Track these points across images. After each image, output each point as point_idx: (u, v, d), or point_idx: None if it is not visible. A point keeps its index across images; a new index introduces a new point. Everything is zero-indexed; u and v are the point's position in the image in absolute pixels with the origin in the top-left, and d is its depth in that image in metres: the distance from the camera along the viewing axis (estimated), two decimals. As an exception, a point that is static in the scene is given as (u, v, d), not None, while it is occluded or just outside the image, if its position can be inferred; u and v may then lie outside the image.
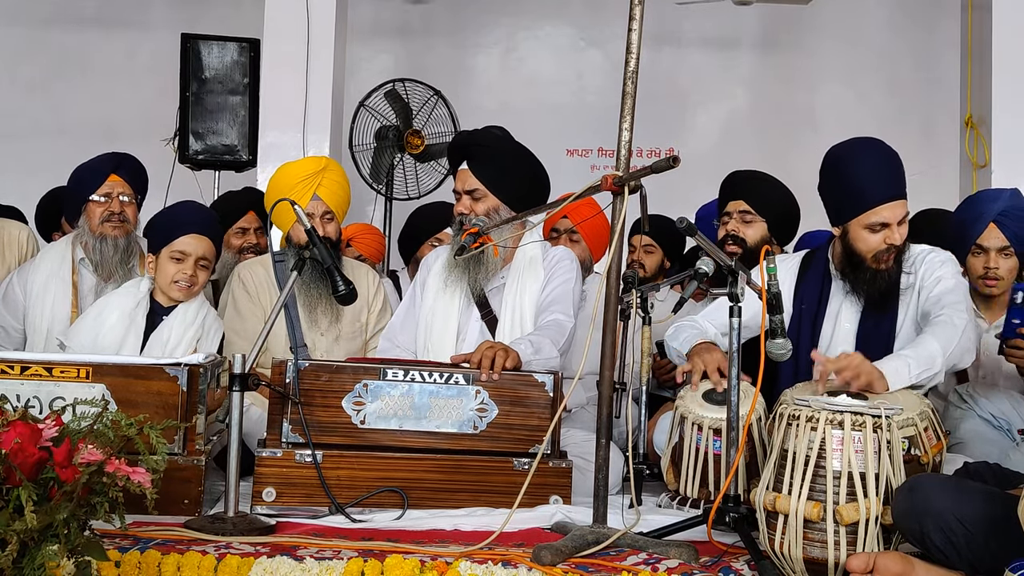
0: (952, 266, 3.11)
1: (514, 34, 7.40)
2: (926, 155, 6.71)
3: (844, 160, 3.10)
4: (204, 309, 3.49)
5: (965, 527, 2.08)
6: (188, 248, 3.41)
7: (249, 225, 4.42)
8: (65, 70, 7.22)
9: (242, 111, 5.66)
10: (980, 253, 3.58)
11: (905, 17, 7.18)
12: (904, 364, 2.73)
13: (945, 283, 3.03)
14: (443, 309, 3.37)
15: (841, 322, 3.14)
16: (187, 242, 3.41)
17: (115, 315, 3.38)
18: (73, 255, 3.71)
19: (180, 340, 3.38)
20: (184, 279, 3.39)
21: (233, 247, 4.37)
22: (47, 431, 1.95)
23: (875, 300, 3.08)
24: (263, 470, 2.76)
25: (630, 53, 2.55)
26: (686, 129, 7.26)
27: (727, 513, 2.53)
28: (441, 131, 6.11)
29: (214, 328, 3.49)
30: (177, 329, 3.39)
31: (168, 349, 3.34)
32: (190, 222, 3.47)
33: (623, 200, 2.54)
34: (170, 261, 3.40)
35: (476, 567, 2.24)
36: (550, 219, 4.04)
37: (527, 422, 2.85)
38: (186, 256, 3.40)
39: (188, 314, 3.43)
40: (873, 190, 3.03)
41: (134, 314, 3.39)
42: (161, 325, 3.40)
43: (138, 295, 3.43)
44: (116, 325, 3.36)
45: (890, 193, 3.04)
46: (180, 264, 3.40)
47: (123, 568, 2.21)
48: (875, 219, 3.02)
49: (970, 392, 3.47)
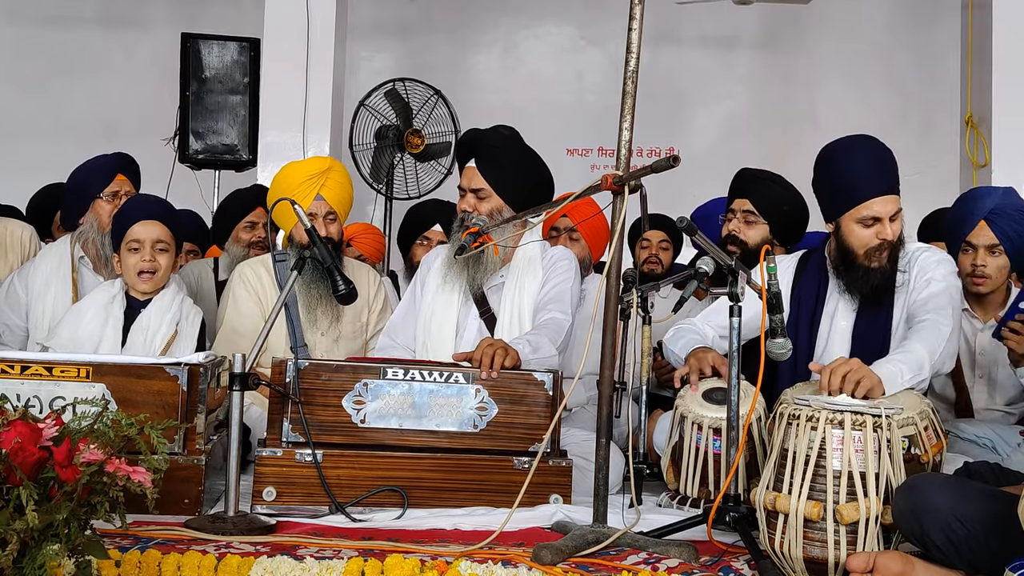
0: (946, 267, 3.09)
1: (514, 33, 7.41)
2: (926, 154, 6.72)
3: (837, 154, 3.10)
4: (180, 295, 3.53)
5: (965, 526, 2.08)
6: (140, 235, 3.43)
7: (258, 220, 4.45)
8: (65, 69, 7.22)
9: (242, 111, 5.66)
10: (969, 250, 3.56)
11: (905, 16, 7.18)
12: (897, 369, 2.72)
13: (935, 286, 3.02)
14: (442, 307, 3.37)
15: (837, 320, 3.13)
16: (138, 230, 3.44)
17: (91, 310, 3.42)
18: (72, 254, 3.72)
19: (160, 326, 3.43)
20: (146, 265, 3.41)
21: (242, 241, 4.40)
22: (47, 431, 1.95)
23: (869, 298, 3.08)
24: (263, 469, 2.76)
25: (630, 52, 2.54)
26: (686, 128, 7.26)
27: (727, 512, 2.54)
28: (441, 130, 6.11)
29: (193, 312, 3.53)
30: (155, 316, 3.44)
31: (149, 335, 3.39)
32: (139, 212, 3.50)
33: (623, 199, 2.54)
34: (129, 253, 3.44)
35: (476, 566, 2.24)
36: (550, 218, 4.04)
37: (527, 421, 2.85)
38: (141, 243, 3.43)
39: (164, 301, 3.47)
40: (864, 184, 3.03)
41: (110, 308, 3.43)
42: (139, 316, 3.44)
43: (113, 291, 3.47)
44: (93, 320, 3.40)
45: (882, 188, 3.03)
46: (138, 253, 3.43)
47: (123, 568, 2.21)
48: (866, 213, 3.01)
49: (951, 424, 3.48)
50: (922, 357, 2.78)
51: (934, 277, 3.03)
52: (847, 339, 3.10)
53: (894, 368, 2.71)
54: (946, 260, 3.13)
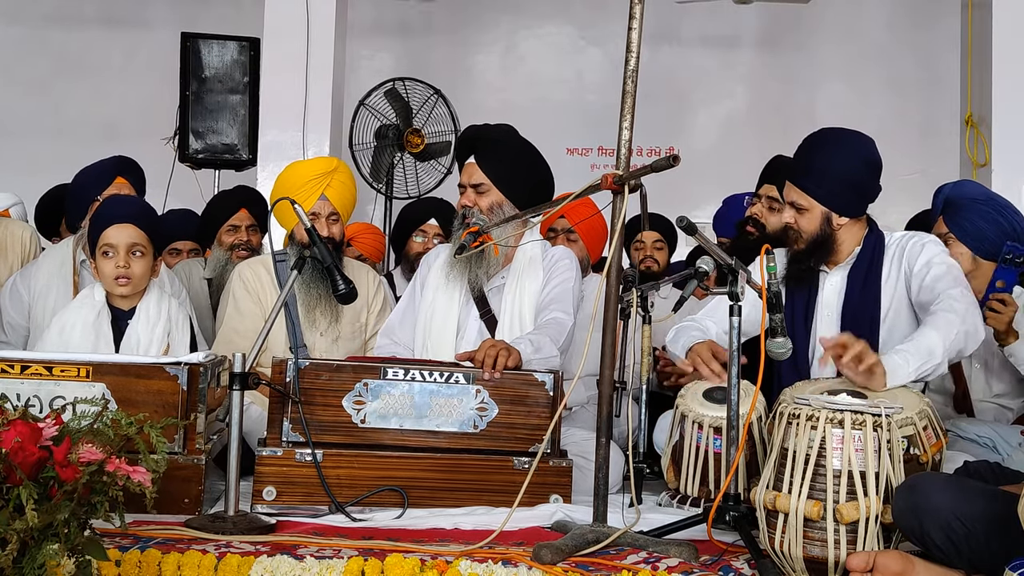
0: (934, 246, 3.06)
1: (514, 33, 7.41)
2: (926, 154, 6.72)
3: (817, 135, 3.13)
4: (165, 302, 3.39)
5: (965, 525, 2.08)
6: (113, 239, 3.28)
7: (241, 223, 4.44)
8: (65, 69, 7.22)
9: (242, 110, 5.67)
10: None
11: (905, 16, 7.18)
12: (903, 359, 2.69)
13: (936, 269, 2.98)
14: (443, 306, 3.37)
15: (824, 297, 3.13)
16: (110, 234, 3.29)
17: (79, 329, 3.27)
18: (75, 257, 3.70)
19: (151, 340, 3.31)
20: (121, 272, 3.25)
21: (225, 244, 4.40)
22: (47, 430, 1.95)
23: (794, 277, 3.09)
24: (263, 469, 2.76)
25: (630, 52, 2.54)
26: (686, 128, 7.26)
27: (727, 512, 2.53)
28: (441, 130, 6.12)
29: (181, 317, 3.41)
30: (145, 330, 3.31)
31: (141, 351, 3.26)
32: (112, 214, 3.35)
33: (623, 199, 2.54)
34: (103, 259, 3.28)
35: (476, 566, 2.24)
36: (547, 219, 4.04)
37: (527, 421, 2.85)
38: (114, 247, 3.27)
39: (151, 312, 3.34)
40: (793, 165, 3.08)
41: (98, 325, 3.28)
42: (128, 330, 3.31)
43: (96, 304, 3.32)
44: (82, 341, 3.24)
45: (800, 177, 3.04)
46: (112, 258, 3.27)
47: (123, 567, 2.21)
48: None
49: (952, 423, 3.47)
50: (932, 341, 2.73)
51: (932, 260, 3.00)
52: (836, 313, 3.10)
53: (898, 359, 2.69)
54: (932, 240, 3.10)
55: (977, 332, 2.84)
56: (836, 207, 3.04)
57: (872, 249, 3.09)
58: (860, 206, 3.10)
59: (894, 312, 3.06)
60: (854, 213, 3.08)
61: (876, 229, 3.14)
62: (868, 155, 3.08)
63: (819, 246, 3.08)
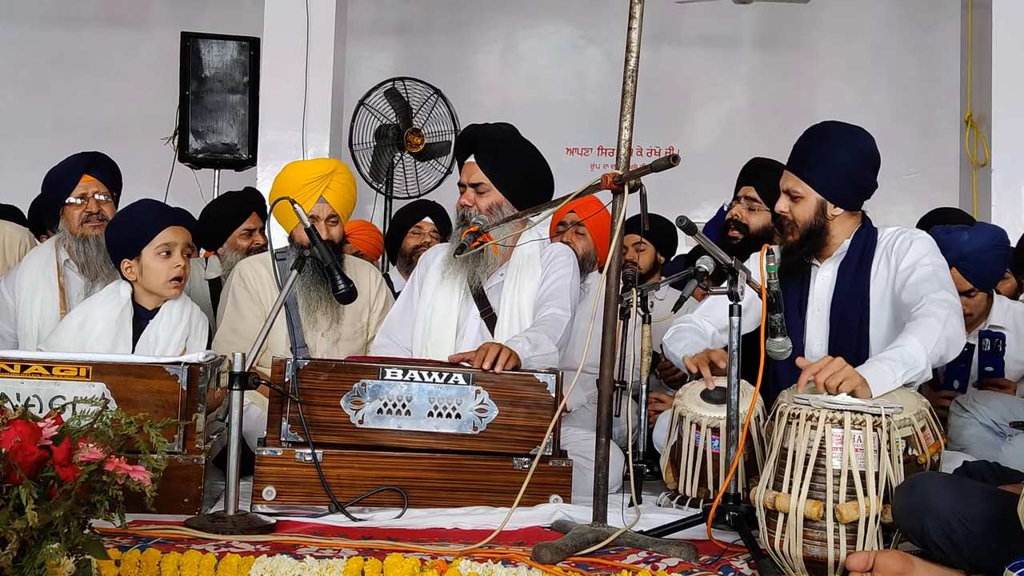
0: (922, 245, 3.02)
1: (514, 32, 7.41)
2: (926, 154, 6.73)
3: (817, 126, 3.16)
4: (188, 306, 3.45)
5: (965, 525, 2.08)
6: (173, 238, 3.35)
7: (255, 226, 4.42)
8: (65, 69, 7.22)
9: (242, 110, 5.66)
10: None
11: (905, 15, 7.18)
12: (888, 367, 2.66)
13: (921, 271, 2.94)
14: (442, 305, 3.37)
15: (815, 290, 3.13)
16: (168, 234, 3.35)
17: (100, 324, 3.30)
18: (58, 258, 3.65)
19: (169, 340, 3.34)
20: (179, 272, 3.34)
21: (240, 248, 4.37)
22: (47, 430, 1.95)
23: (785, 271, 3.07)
24: (263, 469, 2.76)
25: (630, 52, 2.54)
26: (686, 128, 7.26)
27: (727, 512, 2.53)
28: (441, 130, 6.12)
29: (201, 324, 3.46)
30: (164, 330, 3.35)
31: (158, 351, 3.29)
32: (162, 216, 3.40)
33: (623, 199, 2.54)
34: (157, 258, 3.32)
35: (476, 566, 2.24)
36: (558, 213, 4.05)
37: (528, 423, 2.84)
38: (173, 247, 3.34)
39: (174, 314, 3.38)
40: (792, 154, 3.09)
41: (120, 321, 3.32)
42: (147, 329, 3.34)
43: (121, 302, 3.35)
44: (103, 335, 3.28)
45: (801, 168, 3.05)
46: (170, 258, 3.33)
47: (123, 567, 2.21)
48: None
49: (971, 401, 3.46)
50: (915, 350, 2.71)
51: (919, 262, 2.97)
52: (826, 303, 3.10)
53: (883, 367, 2.66)
54: (922, 238, 3.06)
55: (959, 338, 2.82)
56: (832, 197, 3.05)
57: (863, 243, 3.08)
58: (856, 199, 3.10)
59: (884, 307, 3.05)
60: (849, 205, 3.08)
61: (869, 225, 3.13)
62: (867, 149, 3.10)
63: (811, 236, 3.07)
